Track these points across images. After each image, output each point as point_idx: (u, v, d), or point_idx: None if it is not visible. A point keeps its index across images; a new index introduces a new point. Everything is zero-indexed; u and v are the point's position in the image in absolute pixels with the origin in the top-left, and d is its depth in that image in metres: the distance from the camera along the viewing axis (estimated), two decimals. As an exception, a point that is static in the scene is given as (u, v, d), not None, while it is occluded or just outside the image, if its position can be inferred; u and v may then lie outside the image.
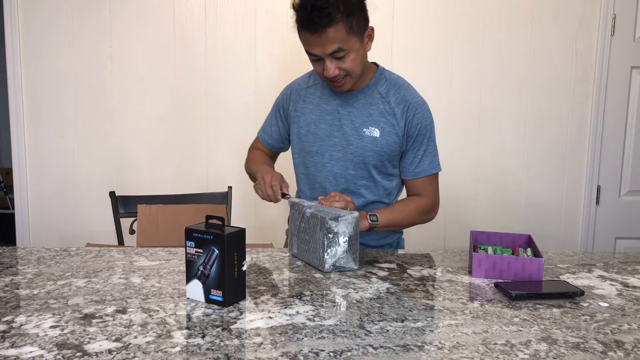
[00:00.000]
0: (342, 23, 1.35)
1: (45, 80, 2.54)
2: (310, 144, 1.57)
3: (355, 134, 1.53)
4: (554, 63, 2.63)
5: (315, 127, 1.56)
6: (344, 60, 1.40)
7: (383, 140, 1.52)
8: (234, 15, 2.54)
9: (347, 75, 1.44)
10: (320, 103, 1.57)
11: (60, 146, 2.58)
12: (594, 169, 2.69)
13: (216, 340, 0.91)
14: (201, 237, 1.06)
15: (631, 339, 0.95)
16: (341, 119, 1.54)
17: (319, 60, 1.42)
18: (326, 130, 1.55)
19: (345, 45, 1.37)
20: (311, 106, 1.58)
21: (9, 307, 1.04)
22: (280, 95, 1.67)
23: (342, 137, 1.54)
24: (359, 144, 1.53)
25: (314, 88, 1.60)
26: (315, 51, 1.39)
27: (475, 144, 2.67)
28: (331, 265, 1.28)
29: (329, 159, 1.56)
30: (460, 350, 0.89)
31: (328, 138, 1.55)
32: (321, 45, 1.37)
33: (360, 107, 1.53)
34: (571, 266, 1.39)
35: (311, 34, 1.36)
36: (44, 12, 2.51)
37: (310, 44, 1.38)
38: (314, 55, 1.41)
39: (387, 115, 1.53)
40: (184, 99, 2.58)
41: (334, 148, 1.55)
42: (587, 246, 2.73)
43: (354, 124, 1.53)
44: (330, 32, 1.34)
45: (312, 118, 1.57)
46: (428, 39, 2.59)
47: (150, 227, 1.92)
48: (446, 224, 2.71)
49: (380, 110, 1.53)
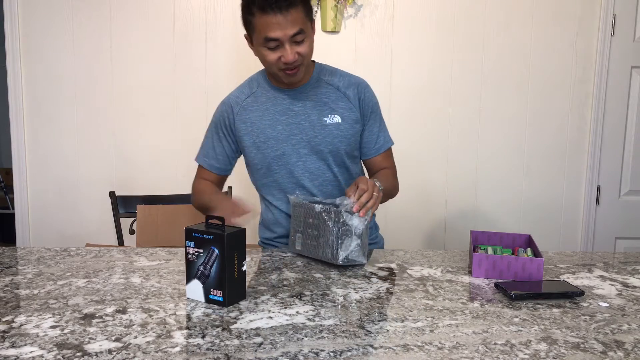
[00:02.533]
0: (302, 6, 1.39)
1: (45, 80, 2.54)
2: (274, 149, 1.53)
3: (317, 125, 1.53)
4: (554, 63, 2.63)
5: (272, 131, 1.53)
6: (302, 45, 1.42)
7: (346, 124, 1.55)
8: (234, 15, 2.53)
9: (302, 62, 1.45)
10: (268, 107, 1.55)
11: (60, 146, 2.58)
12: (594, 169, 2.69)
13: (216, 340, 0.91)
14: (201, 237, 1.06)
15: (631, 339, 0.95)
16: (297, 116, 1.54)
17: (275, 47, 1.41)
18: (284, 130, 1.53)
19: (305, 28, 1.40)
20: (259, 113, 1.55)
21: (9, 307, 1.04)
22: (217, 114, 1.60)
23: (303, 132, 1.53)
24: (324, 134, 1.53)
25: (253, 97, 1.57)
26: (277, 34, 1.37)
27: (475, 144, 2.67)
28: (345, 258, 1.29)
29: (298, 158, 1.54)
30: (460, 350, 0.89)
31: (289, 138, 1.53)
32: (284, 27, 1.37)
33: (313, 99, 1.55)
34: (571, 266, 1.39)
35: (274, 15, 1.35)
36: (44, 12, 2.51)
37: (272, 26, 1.37)
38: (274, 39, 1.39)
39: (341, 100, 1.56)
40: (184, 99, 2.58)
41: (299, 145, 1.53)
42: (587, 246, 2.73)
43: (312, 117, 1.53)
44: (293, 13, 1.36)
45: (265, 123, 1.54)
46: (428, 39, 2.59)
47: (150, 227, 1.92)
48: (446, 224, 2.71)
49: (332, 97, 1.56)
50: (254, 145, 1.55)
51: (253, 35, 1.44)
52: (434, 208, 2.69)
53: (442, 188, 2.69)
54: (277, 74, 1.48)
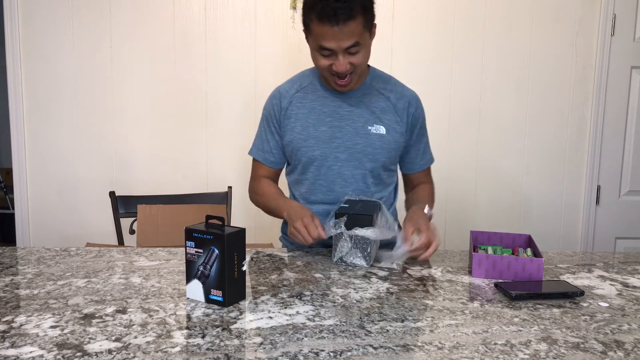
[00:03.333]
0: (360, 17, 1.34)
1: (45, 80, 2.54)
2: (312, 149, 1.52)
3: (360, 133, 1.51)
4: (554, 63, 2.63)
5: (314, 131, 1.51)
6: (356, 56, 1.39)
7: (390, 136, 1.52)
8: (234, 15, 2.53)
9: (353, 72, 1.42)
10: (314, 106, 1.53)
11: (60, 146, 2.58)
12: (594, 169, 2.69)
13: (216, 340, 0.91)
14: (201, 237, 1.06)
15: (631, 339, 0.95)
16: (342, 120, 1.51)
17: (329, 55, 1.39)
18: (327, 132, 1.51)
19: (361, 40, 1.37)
20: (305, 110, 1.53)
21: (9, 307, 1.04)
22: (268, 107, 1.58)
23: (345, 137, 1.51)
24: (366, 143, 1.51)
25: (302, 92, 1.55)
26: (331, 45, 1.35)
27: (475, 144, 2.67)
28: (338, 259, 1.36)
29: (334, 161, 1.52)
30: (460, 350, 0.89)
31: (330, 140, 1.51)
32: (339, 38, 1.34)
33: (361, 105, 1.52)
34: (571, 266, 1.39)
35: (331, 26, 1.32)
36: (44, 12, 2.51)
37: (327, 37, 1.34)
38: (328, 49, 1.36)
39: (389, 111, 1.53)
40: (184, 99, 2.58)
41: (338, 150, 1.51)
42: (587, 246, 2.73)
43: (357, 123, 1.51)
44: (351, 26, 1.33)
45: (310, 122, 1.52)
46: (428, 39, 2.59)
47: (150, 227, 1.92)
48: (446, 224, 2.71)
49: (382, 107, 1.53)
50: (294, 142, 1.53)
51: (309, 38, 1.42)
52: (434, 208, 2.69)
53: (442, 188, 2.68)
54: (327, 79, 1.47)
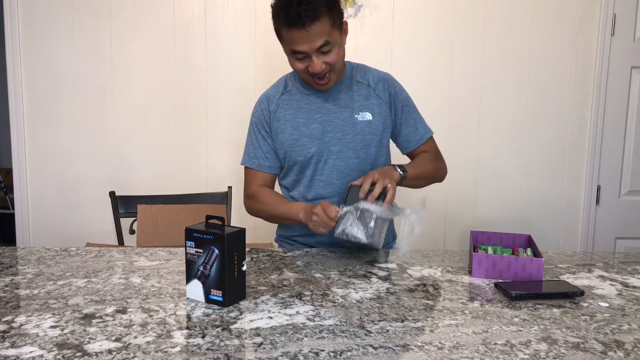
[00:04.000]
0: (326, 16, 1.38)
1: (45, 80, 2.54)
2: (307, 147, 1.55)
3: (348, 123, 1.55)
4: (554, 63, 2.63)
5: (306, 129, 1.55)
6: (329, 55, 1.43)
7: (376, 120, 1.57)
8: (234, 15, 2.53)
9: (331, 70, 1.46)
10: (302, 105, 1.56)
11: (60, 146, 2.58)
12: (594, 169, 2.69)
13: (216, 340, 0.91)
14: (201, 237, 1.06)
15: (631, 339, 0.95)
16: (329, 114, 1.55)
17: (303, 58, 1.43)
18: (318, 129, 1.55)
19: (331, 39, 1.41)
20: (293, 111, 1.56)
21: (9, 307, 1.04)
22: (257, 113, 1.60)
23: (334, 130, 1.55)
24: (355, 131, 1.55)
25: (289, 94, 1.58)
26: (302, 47, 1.39)
27: (475, 144, 2.67)
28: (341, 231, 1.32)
29: (328, 155, 1.56)
30: (460, 350, 0.89)
31: (322, 135, 1.55)
32: (308, 40, 1.38)
33: (345, 97, 1.57)
34: (571, 266, 1.39)
35: (298, 30, 1.36)
36: (44, 12, 2.50)
37: (297, 40, 1.38)
38: (300, 52, 1.41)
39: (372, 97, 1.58)
40: (184, 99, 2.58)
41: (330, 143, 1.55)
42: (587, 246, 2.73)
43: (344, 114, 1.55)
44: (317, 27, 1.37)
45: (300, 121, 1.55)
46: (428, 39, 2.59)
47: (150, 227, 1.92)
48: (446, 224, 2.71)
49: (364, 94, 1.58)
50: (287, 143, 1.56)
51: (282, 44, 1.46)
52: (434, 208, 2.69)
53: (442, 188, 2.69)
54: (307, 80, 1.50)
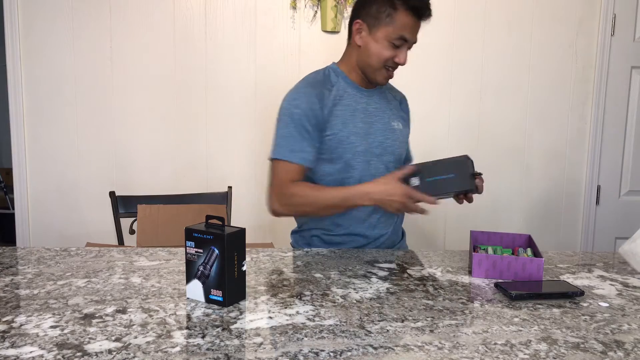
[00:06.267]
0: None
1: (45, 80, 2.54)
2: (356, 144, 1.52)
3: (387, 129, 1.59)
4: (554, 63, 2.63)
5: (354, 127, 1.53)
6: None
7: (405, 130, 1.67)
8: (234, 15, 2.54)
9: None
10: (350, 103, 1.55)
11: (60, 146, 2.58)
12: (594, 169, 2.69)
13: (216, 340, 0.91)
14: (201, 237, 1.06)
15: (631, 339, 0.95)
16: (372, 116, 1.57)
17: (398, 46, 1.48)
18: (363, 128, 1.54)
19: None
20: (341, 107, 1.53)
21: (9, 307, 1.04)
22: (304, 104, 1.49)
23: (376, 133, 1.57)
24: (393, 138, 1.60)
25: (336, 90, 1.54)
26: (411, 36, 1.48)
27: (475, 144, 2.67)
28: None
29: (371, 157, 1.55)
30: (460, 350, 0.89)
31: (367, 135, 1.55)
32: (416, 32, 1.49)
33: (382, 103, 1.62)
34: (571, 266, 1.39)
35: (417, 20, 1.47)
36: (44, 12, 2.50)
37: (412, 29, 1.47)
38: (405, 40, 1.48)
39: (397, 108, 1.67)
40: (184, 98, 2.58)
41: (373, 145, 1.56)
42: (587, 246, 2.73)
43: (384, 119, 1.59)
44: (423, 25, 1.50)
45: (347, 118, 1.53)
46: (428, 39, 2.59)
47: (150, 227, 1.92)
48: (446, 224, 2.71)
49: (393, 104, 1.66)
50: (337, 138, 1.51)
51: (383, 27, 1.47)
52: (434, 208, 2.69)
53: (442, 188, 2.69)
54: (378, 70, 1.52)
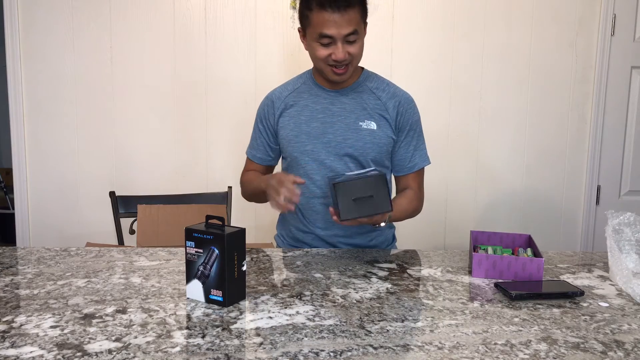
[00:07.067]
0: (358, 7, 1.43)
1: (45, 80, 2.54)
2: (304, 144, 1.56)
3: (351, 129, 1.54)
4: (554, 63, 2.63)
5: (307, 127, 1.56)
6: (354, 45, 1.45)
7: (381, 132, 1.55)
8: (234, 15, 2.53)
9: (350, 62, 1.47)
10: (308, 104, 1.58)
11: (60, 146, 2.58)
12: (594, 169, 2.69)
13: (216, 340, 0.91)
14: (201, 237, 1.06)
15: (631, 339, 0.95)
16: (333, 116, 1.55)
17: (328, 44, 1.44)
18: (319, 128, 1.55)
19: (359, 29, 1.44)
20: (298, 108, 1.58)
21: (9, 307, 1.04)
22: (261, 108, 1.66)
23: (336, 133, 1.55)
24: (356, 138, 1.54)
25: (296, 93, 1.60)
26: (332, 31, 1.41)
27: (475, 144, 2.67)
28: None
29: (326, 156, 1.55)
30: (460, 350, 0.89)
31: (322, 135, 1.55)
32: (339, 25, 1.40)
33: (352, 102, 1.56)
34: (571, 266, 1.39)
35: (332, 13, 1.39)
36: (44, 12, 2.50)
37: (328, 24, 1.40)
38: (328, 36, 1.42)
39: (380, 109, 1.56)
40: (183, 99, 2.58)
41: (329, 144, 1.55)
42: (587, 246, 2.73)
43: (349, 119, 1.55)
44: (349, 14, 1.40)
45: (302, 119, 1.57)
46: (428, 39, 2.59)
47: (150, 227, 1.92)
48: (446, 224, 2.71)
49: (372, 104, 1.57)
50: (287, 139, 1.59)
51: (307, 29, 1.47)
52: (434, 208, 2.69)
53: (442, 188, 2.69)
54: (324, 70, 1.50)
